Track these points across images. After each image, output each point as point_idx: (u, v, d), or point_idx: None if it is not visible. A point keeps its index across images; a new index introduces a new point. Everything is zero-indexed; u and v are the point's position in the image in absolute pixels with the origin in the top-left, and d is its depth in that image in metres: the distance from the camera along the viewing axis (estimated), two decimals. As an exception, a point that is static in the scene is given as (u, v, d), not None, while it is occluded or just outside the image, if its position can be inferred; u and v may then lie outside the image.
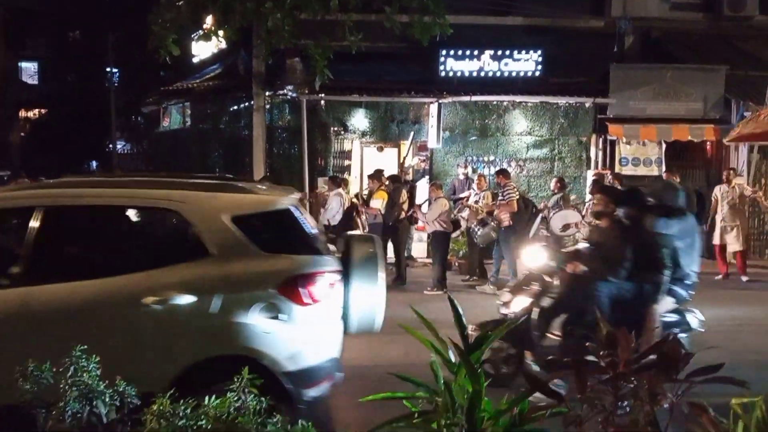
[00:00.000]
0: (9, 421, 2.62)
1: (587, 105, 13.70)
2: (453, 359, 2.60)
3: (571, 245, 7.98)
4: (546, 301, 5.14)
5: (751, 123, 11.68)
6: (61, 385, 2.30)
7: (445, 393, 2.37)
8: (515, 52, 13.74)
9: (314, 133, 13.49)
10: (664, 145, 13.67)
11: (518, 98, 13.57)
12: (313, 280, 4.00)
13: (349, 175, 14.05)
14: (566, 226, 9.62)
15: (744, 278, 10.72)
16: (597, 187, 10.24)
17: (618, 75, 13.60)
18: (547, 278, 5.19)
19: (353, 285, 4.19)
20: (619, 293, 4.95)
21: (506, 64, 13.74)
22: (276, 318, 3.91)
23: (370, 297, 4.23)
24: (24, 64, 31.82)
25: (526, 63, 13.83)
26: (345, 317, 4.28)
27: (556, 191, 10.69)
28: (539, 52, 13.79)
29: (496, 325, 4.79)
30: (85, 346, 2.48)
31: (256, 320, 3.88)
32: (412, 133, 13.36)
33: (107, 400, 2.29)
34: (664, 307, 5.01)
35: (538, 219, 9.64)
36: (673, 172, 11.27)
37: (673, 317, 5.11)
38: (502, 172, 10.33)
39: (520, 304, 5.17)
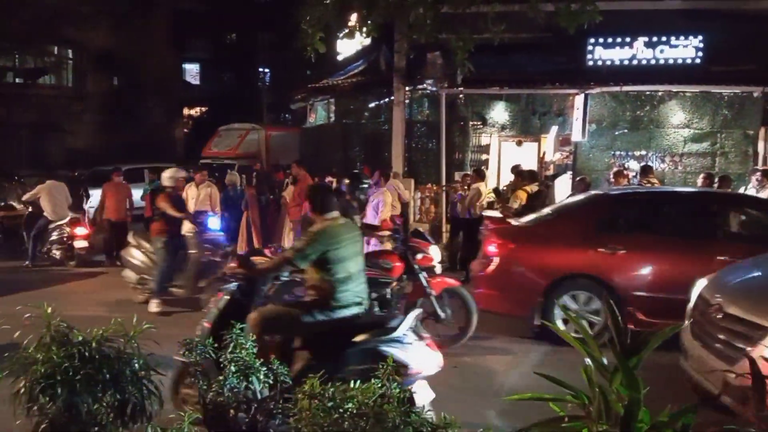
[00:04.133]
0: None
1: (755, 95, 12.41)
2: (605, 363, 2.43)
3: None
4: None
5: None
6: (221, 360, 2.45)
7: (599, 399, 2.21)
8: (672, 38, 12.77)
9: (452, 127, 13.42)
10: None
11: (675, 88, 12.58)
12: None
13: (487, 169, 13.84)
14: None
15: None
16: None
17: (792, 61, 12.16)
18: None
19: None
20: None
21: (662, 51, 12.79)
22: None
23: None
24: (187, 66, 34.81)
25: (684, 50, 12.79)
26: None
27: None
28: (700, 37, 12.73)
29: None
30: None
31: None
32: (554, 126, 12.84)
33: (261, 377, 2.40)
34: None
35: None
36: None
37: None
38: (642, 169, 10.29)
39: None
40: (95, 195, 12.32)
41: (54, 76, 23.47)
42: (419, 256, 6.32)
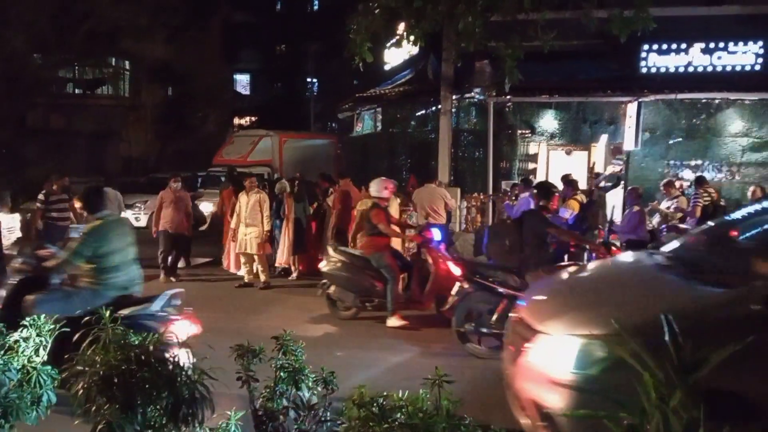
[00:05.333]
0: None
1: (821, 102, 11.89)
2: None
3: None
4: None
5: None
6: (272, 366, 2.48)
7: (658, 417, 2.13)
8: (731, 44, 12.37)
9: (500, 135, 13.30)
10: None
11: (734, 95, 12.17)
12: None
13: (535, 178, 13.66)
14: None
15: None
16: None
17: None
18: None
19: None
20: None
21: (719, 58, 12.41)
22: None
23: None
24: (238, 76, 35.62)
25: (743, 56, 12.39)
26: None
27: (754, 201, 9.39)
28: (760, 43, 12.29)
29: None
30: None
31: None
32: (604, 135, 12.58)
33: (310, 384, 2.42)
34: None
35: None
36: None
37: None
38: (697, 180, 10.20)
39: None
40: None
41: (112, 86, 24.34)
42: None
